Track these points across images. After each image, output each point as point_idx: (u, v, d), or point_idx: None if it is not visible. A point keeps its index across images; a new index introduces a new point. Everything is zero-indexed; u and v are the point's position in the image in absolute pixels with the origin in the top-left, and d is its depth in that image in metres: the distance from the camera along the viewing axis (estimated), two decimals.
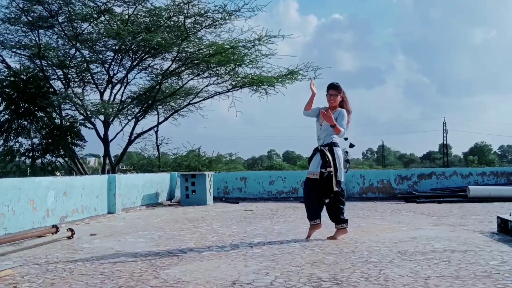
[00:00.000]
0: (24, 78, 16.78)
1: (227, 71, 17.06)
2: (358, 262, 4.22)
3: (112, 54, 16.60)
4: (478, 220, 7.19)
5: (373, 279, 3.60)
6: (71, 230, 6.05)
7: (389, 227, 6.58)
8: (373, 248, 4.94)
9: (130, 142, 17.93)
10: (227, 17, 15.47)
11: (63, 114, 17.56)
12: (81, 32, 15.87)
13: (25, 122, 17.18)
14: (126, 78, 17.36)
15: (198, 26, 15.77)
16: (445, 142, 67.66)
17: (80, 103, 15.97)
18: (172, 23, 15.70)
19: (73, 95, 16.25)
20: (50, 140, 17.36)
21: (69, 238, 5.95)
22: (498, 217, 6.00)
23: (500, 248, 4.80)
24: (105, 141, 17.11)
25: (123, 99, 17.65)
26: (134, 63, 16.89)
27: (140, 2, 15.11)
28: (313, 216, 5.69)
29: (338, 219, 5.67)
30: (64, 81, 17.23)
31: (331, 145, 5.60)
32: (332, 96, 5.69)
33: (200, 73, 17.39)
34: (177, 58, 16.50)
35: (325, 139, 5.64)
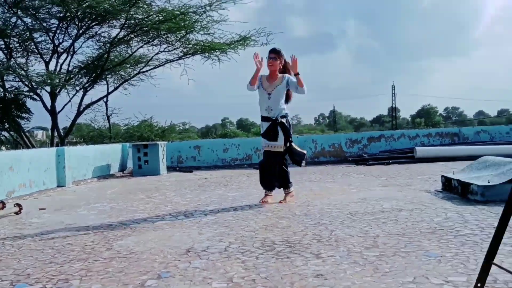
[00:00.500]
0: None
1: (178, 38, 16.73)
2: (310, 225, 4.31)
3: (57, 22, 15.88)
4: (424, 180, 7.48)
5: (324, 240, 3.70)
6: (19, 205, 5.87)
7: (340, 190, 6.74)
8: (325, 210, 5.06)
9: (79, 113, 17.43)
10: None
11: (7, 86, 16.80)
12: None
13: None
14: (72, 47, 16.73)
15: None
16: (393, 105, 69.51)
17: (24, 73, 15.29)
18: None
19: (17, 66, 15.53)
20: None
21: (16, 213, 5.77)
22: (442, 176, 6.26)
23: (444, 205, 5.02)
24: (53, 113, 16.55)
25: (70, 69, 17.04)
26: (81, 31, 16.27)
27: None
28: (270, 187, 5.80)
29: (287, 184, 5.81)
30: (6, 51, 16.39)
31: (285, 117, 5.64)
32: (271, 60, 5.57)
33: (150, 40, 16.98)
34: (125, 25, 16.00)
35: (277, 110, 5.58)
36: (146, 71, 18.31)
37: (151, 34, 16.54)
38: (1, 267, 3.35)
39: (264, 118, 5.65)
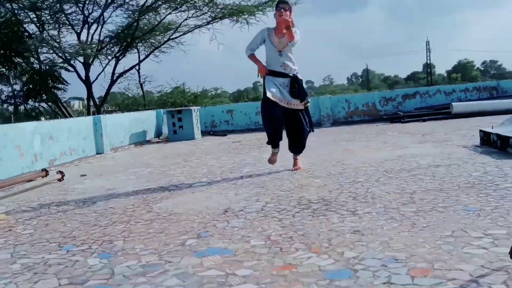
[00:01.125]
0: None
1: (205, 3, 16.59)
2: (346, 183, 4.32)
3: None
4: (461, 135, 7.32)
5: (360, 197, 3.70)
6: (61, 172, 6.08)
7: (375, 148, 6.68)
8: (360, 168, 5.04)
9: (112, 82, 17.69)
10: None
11: (42, 58, 17.17)
12: None
13: (3, 69, 16.76)
14: (102, 17, 16.85)
15: None
16: (428, 61, 67.60)
17: (57, 45, 15.57)
18: None
19: (49, 38, 15.80)
20: (31, 86, 17.05)
21: (59, 180, 5.98)
22: (480, 131, 6.11)
23: (482, 160, 4.92)
24: (87, 82, 16.85)
25: (101, 38, 17.21)
26: (109, 1, 16.30)
27: None
28: (277, 143, 5.44)
29: (297, 150, 5.48)
30: (38, 24, 16.65)
31: (298, 77, 5.25)
32: (282, 10, 5.01)
33: (178, 6, 16.89)
34: None
35: (292, 68, 5.20)
36: (176, 37, 18.34)
37: (178, 0, 16.44)
38: (49, 231, 3.50)
39: (278, 74, 5.16)
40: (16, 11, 15.99)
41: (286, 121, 5.28)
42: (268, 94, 5.00)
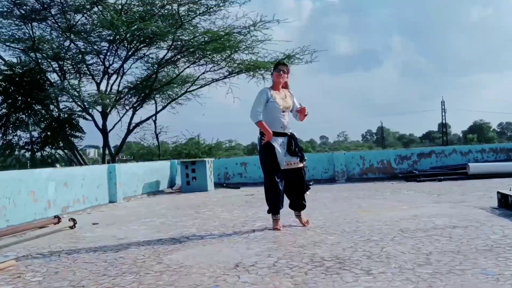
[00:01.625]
0: (20, 71, 16.70)
1: (223, 58, 16.99)
2: (360, 241, 4.23)
3: (107, 45, 16.50)
4: (479, 196, 7.21)
5: (375, 256, 3.62)
6: (73, 220, 6.07)
7: (390, 206, 6.59)
8: (375, 227, 4.96)
9: (129, 132, 17.92)
10: (221, 4, 15.37)
11: (61, 106, 17.54)
12: (74, 23, 15.76)
13: (23, 116, 17.13)
14: (122, 68, 17.29)
15: (193, 13, 15.65)
16: (444, 121, 67.75)
17: (77, 94, 15.91)
18: (166, 11, 15.58)
19: (70, 87, 16.18)
20: (49, 133, 17.35)
21: (71, 228, 5.96)
22: (498, 192, 6.01)
23: (501, 222, 4.82)
24: (104, 131, 17.09)
25: (120, 89, 17.59)
26: (130, 53, 16.80)
27: None
28: (279, 209, 5.27)
29: (302, 206, 5.45)
30: (60, 73, 17.14)
31: (295, 135, 5.33)
32: (282, 72, 5.23)
33: (196, 60, 17.32)
34: (172, 47, 16.40)
35: (289, 126, 5.30)
36: (193, 90, 18.66)
37: (197, 55, 16.88)
38: (58, 279, 3.46)
39: (277, 134, 5.17)
40: (39, 60, 16.53)
41: (286, 181, 5.27)
42: (283, 166, 5.12)
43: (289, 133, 5.25)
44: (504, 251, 3.56)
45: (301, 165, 5.27)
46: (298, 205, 5.41)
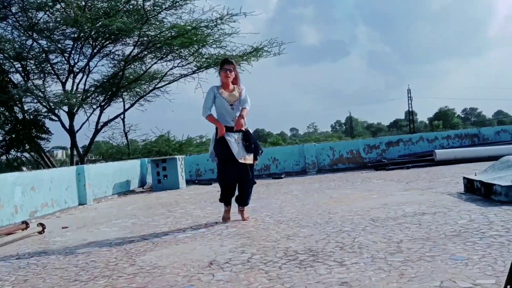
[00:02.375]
0: None
1: (191, 53, 16.88)
2: (333, 233, 4.27)
3: (72, 43, 16.15)
4: (446, 182, 7.37)
5: (347, 247, 3.66)
6: (42, 224, 5.94)
7: (360, 196, 6.68)
8: (346, 217, 5.01)
9: (97, 131, 17.63)
10: None
11: (26, 108, 17.11)
12: (37, 21, 15.36)
13: None
14: (87, 67, 16.98)
15: (158, 8, 15.48)
16: (410, 109, 69.04)
17: (42, 95, 15.55)
18: (131, 6, 15.36)
19: (34, 87, 15.80)
20: (13, 135, 16.92)
21: (40, 233, 5.83)
22: (464, 178, 6.16)
23: (467, 207, 4.94)
24: (71, 132, 16.77)
25: (86, 88, 17.27)
26: (95, 51, 16.50)
27: None
28: (230, 201, 5.55)
29: (248, 201, 5.57)
30: (23, 74, 16.71)
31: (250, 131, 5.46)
32: (228, 71, 5.40)
33: (164, 56, 17.15)
34: (138, 43, 16.19)
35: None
36: (161, 86, 18.49)
37: (164, 50, 16.71)
38: (27, 287, 3.38)
39: (231, 129, 5.32)
40: (1, 61, 16.07)
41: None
42: (239, 159, 5.25)
43: (244, 129, 5.35)
44: (472, 236, 3.64)
45: (250, 161, 5.40)
46: (239, 199, 5.53)
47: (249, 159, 5.37)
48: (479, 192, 5.56)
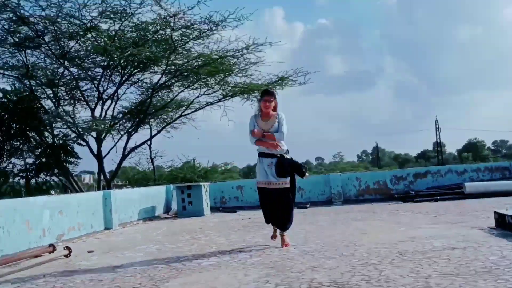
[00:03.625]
0: (15, 98, 16.70)
1: (217, 81, 17.07)
2: (358, 265, 4.20)
3: (101, 71, 16.55)
4: (476, 216, 7.19)
5: (374, 281, 3.58)
6: (68, 248, 6.00)
7: (388, 228, 6.57)
8: (373, 250, 4.93)
9: (124, 157, 17.86)
10: (213, 28, 15.48)
11: (55, 133, 17.48)
12: (68, 50, 15.82)
13: (18, 143, 17.07)
14: (116, 94, 17.31)
15: (186, 38, 15.77)
16: (438, 140, 68.02)
17: (71, 121, 15.90)
18: (159, 36, 15.69)
19: (64, 113, 16.18)
20: (43, 159, 17.26)
21: (66, 256, 5.89)
22: (495, 212, 6.01)
23: (499, 243, 4.80)
24: (99, 157, 17.03)
25: (114, 114, 17.58)
26: (124, 78, 16.86)
27: (126, 17, 15.09)
28: (268, 221, 5.90)
29: (288, 225, 5.78)
30: (54, 100, 17.14)
31: (288, 153, 5.76)
32: (267, 102, 5.71)
33: (190, 84, 17.39)
34: (166, 71, 16.48)
35: (280, 146, 5.70)
36: (188, 114, 18.70)
37: (191, 79, 16.96)
38: None
39: (265, 154, 5.70)
40: (33, 87, 16.55)
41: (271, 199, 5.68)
42: (257, 184, 5.78)
43: (278, 155, 5.64)
44: (503, 273, 3.53)
45: (286, 185, 5.62)
46: (279, 224, 5.73)
47: (283, 183, 5.60)
48: (510, 227, 5.41)
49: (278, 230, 5.74)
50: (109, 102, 17.40)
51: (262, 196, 5.76)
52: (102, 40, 15.21)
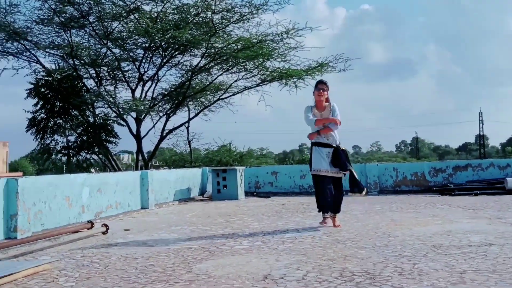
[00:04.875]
0: (58, 77, 17.18)
1: (255, 66, 17.05)
2: (391, 256, 4.16)
3: (142, 52, 16.82)
4: None
5: (406, 273, 3.54)
6: (106, 225, 6.18)
7: (423, 221, 6.45)
8: (407, 242, 4.86)
9: (162, 138, 18.16)
10: (254, 11, 15.45)
11: (97, 112, 17.92)
12: (111, 31, 16.13)
13: (61, 121, 17.60)
14: (156, 75, 17.57)
15: (226, 21, 15.80)
16: (481, 133, 66.11)
17: (112, 100, 16.25)
18: (200, 19, 15.77)
19: (106, 93, 16.55)
20: (84, 138, 17.75)
21: (103, 233, 6.07)
22: None
23: None
24: (138, 137, 17.37)
25: (154, 96, 17.87)
26: (164, 60, 17.07)
27: (168, 0, 15.24)
28: (326, 209, 6.10)
29: (339, 208, 6.17)
30: (96, 80, 17.57)
31: (341, 147, 6.10)
32: (321, 91, 6.04)
33: (229, 68, 17.44)
34: (206, 54, 16.57)
35: (335, 137, 6.08)
36: (226, 97, 18.79)
37: (230, 62, 16.99)
38: (89, 284, 3.52)
39: (322, 144, 6.04)
40: (77, 67, 16.99)
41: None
42: (314, 172, 6.06)
43: (335, 145, 6.01)
44: None
45: (340, 175, 6.03)
46: (333, 208, 6.06)
47: (335, 172, 6.00)
48: None
49: (328, 214, 6.08)
50: (149, 83, 17.70)
51: (322, 184, 5.98)
52: (144, 21, 15.42)
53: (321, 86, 6.10)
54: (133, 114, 16.89)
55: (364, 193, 6.18)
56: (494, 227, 5.62)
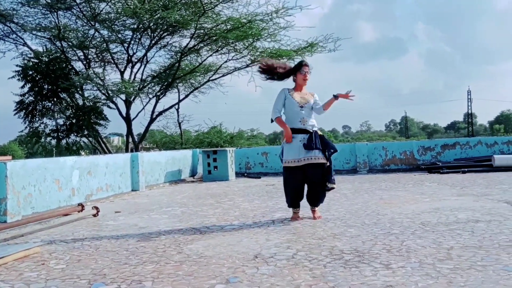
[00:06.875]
0: (46, 60, 16.97)
1: (245, 46, 16.95)
2: (380, 234, 4.21)
3: (131, 33, 16.64)
4: (503, 190, 7.08)
5: (395, 250, 3.59)
6: (96, 208, 6.18)
7: (412, 199, 6.53)
8: (396, 220, 4.92)
9: (152, 120, 18.10)
10: None
11: (86, 95, 17.78)
12: (99, 12, 15.90)
13: (49, 103, 17.45)
14: (145, 57, 17.42)
15: (215, 1, 15.63)
16: (469, 111, 66.54)
17: (101, 83, 16.12)
18: None
19: (94, 75, 16.40)
20: (74, 121, 17.63)
21: (94, 216, 6.07)
22: None
23: None
24: (128, 120, 17.30)
25: (143, 77, 17.75)
26: (153, 42, 16.91)
27: None
28: (298, 204, 5.36)
29: (318, 203, 5.37)
30: (84, 62, 17.40)
31: (318, 133, 5.29)
32: (306, 73, 5.36)
33: (219, 49, 17.33)
34: (195, 35, 16.44)
35: (311, 122, 5.31)
36: (215, 79, 18.72)
37: (219, 43, 16.88)
38: (80, 267, 3.53)
39: (297, 130, 5.22)
40: (65, 49, 16.78)
41: (305, 175, 5.19)
42: (284, 164, 5.23)
43: (311, 130, 5.22)
44: None
45: (321, 160, 5.14)
46: (310, 200, 5.34)
47: (317, 158, 5.11)
48: None
49: (299, 209, 5.36)
50: (138, 65, 17.57)
51: (292, 177, 5.22)
52: (132, 2, 15.20)
53: (306, 69, 5.38)
54: (123, 96, 16.79)
55: (329, 187, 5.24)
56: (481, 204, 5.71)
